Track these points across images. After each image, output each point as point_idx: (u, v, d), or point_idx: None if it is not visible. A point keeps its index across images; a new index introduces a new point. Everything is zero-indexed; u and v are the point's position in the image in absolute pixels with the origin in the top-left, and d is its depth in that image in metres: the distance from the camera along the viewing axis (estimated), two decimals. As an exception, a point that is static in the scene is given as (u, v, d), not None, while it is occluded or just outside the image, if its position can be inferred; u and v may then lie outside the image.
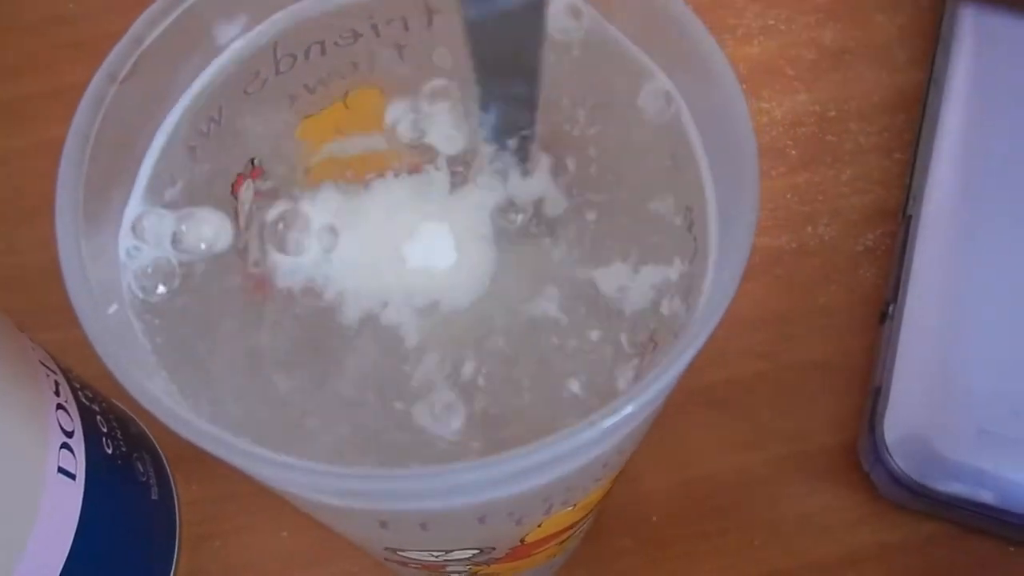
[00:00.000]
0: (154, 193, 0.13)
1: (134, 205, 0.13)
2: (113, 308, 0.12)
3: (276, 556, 0.26)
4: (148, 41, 0.12)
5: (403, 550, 0.15)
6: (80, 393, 0.22)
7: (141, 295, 0.13)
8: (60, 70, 0.33)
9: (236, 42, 0.14)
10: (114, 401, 0.25)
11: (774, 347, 0.28)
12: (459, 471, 0.09)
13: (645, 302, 0.13)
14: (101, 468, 0.21)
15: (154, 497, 0.24)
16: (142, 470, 0.24)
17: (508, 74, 0.12)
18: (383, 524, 0.12)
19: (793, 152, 0.31)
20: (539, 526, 0.15)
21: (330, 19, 0.14)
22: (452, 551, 0.15)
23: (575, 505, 0.15)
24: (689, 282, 0.13)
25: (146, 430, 0.26)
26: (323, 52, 0.14)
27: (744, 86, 0.34)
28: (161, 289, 0.13)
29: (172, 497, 0.26)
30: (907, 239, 0.27)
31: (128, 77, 0.12)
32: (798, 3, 0.33)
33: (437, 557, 0.15)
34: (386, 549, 0.15)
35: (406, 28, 0.14)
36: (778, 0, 0.33)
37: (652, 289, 0.13)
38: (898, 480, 0.24)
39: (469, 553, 0.15)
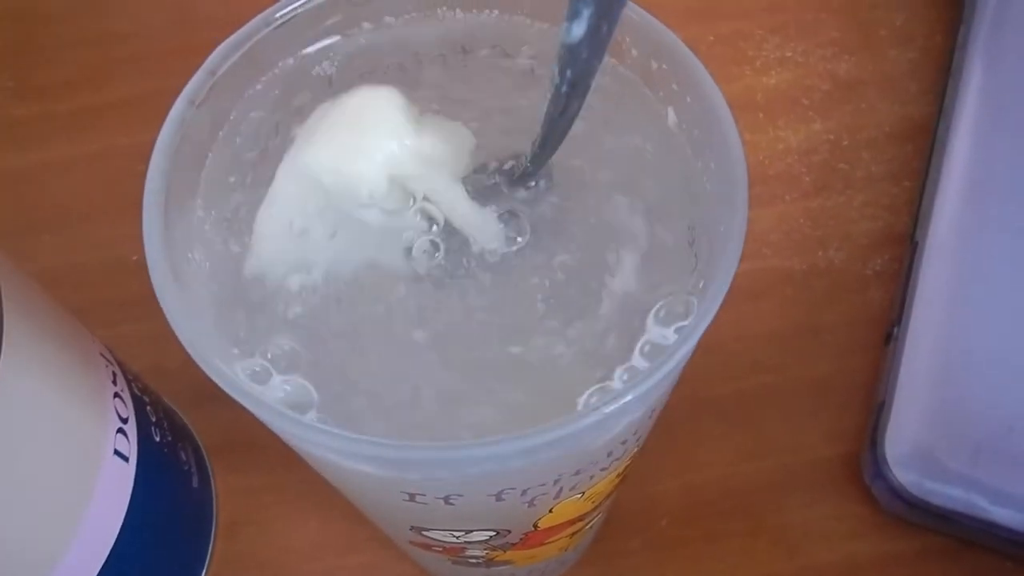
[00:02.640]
0: (217, 199, 0.15)
1: (199, 209, 0.15)
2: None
3: (306, 545, 0.27)
4: (220, 72, 0.14)
5: (427, 529, 0.16)
6: (133, 384, 0.23)
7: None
8: (116, 83, 0.35)
9: (293, 70, 0.15)
10: (160, 395, 0.27)
11: (782, 362, 0.29)
12: (479, 445, 0.11)
13: (649, 307, 0.15)
14: (150, 453, 0.23)
15: (195, 485, 0.26)
16: (184, 459, 0.25)
17: (577, 95, 0.13)
18: (411, 497, 0.14)
19: (807, 178, 0.32)
20: (550, 511, 0.16)
21: (379, 52, 0.16)
22: (472, 531, 0.16)
23: (584, 493, 0.16)
24: (688, 294, 0.15)
25: (187, 423, 0.28)
26: (370, 81, 0.16)
27: (761, 114, 0.35)
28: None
29: (210, 486, 0.27)
30: (913, 264, 0.28)
31: (203, 102, 0.14)
32: (814, 37, 0.34)
33: (458, 538, 0.17)
34: (412, 529, 0.17)
35: (445, 64, 0.16)
36: (795, 33, 0.34)
37: (655, 298, 0.15)
38: (898, 493, 0.26)
39: (486, 535, 0.17)
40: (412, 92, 0.15)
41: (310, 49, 0.15)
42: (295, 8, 0.15)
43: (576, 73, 0.13)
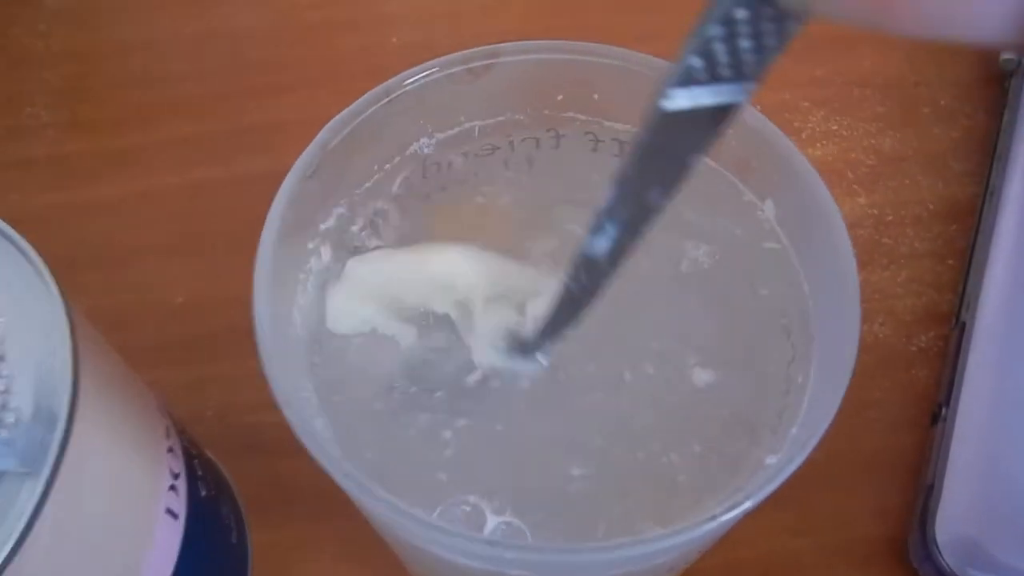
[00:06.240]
0: (318, 270, 0.15)
1: (304, 281, 0.15)
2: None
3: (339, 606, 0.27)
4: (331, 146, 0.14)
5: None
6: (182, 437, 0.23)
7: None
8: (167, 124, 0.35)
9: (398, 147, 0.15)
10: (202, 447, 0.26)
11: (826, 438, 0.29)
12: (617, 547, 0.11)
13: (748, 401, 0.14)
14: (197, 509, 0.22)
15: (233, 540, 0.25)
16: (225, 513, 0.25)
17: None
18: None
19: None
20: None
21: (477, 136, 0.16)
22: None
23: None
24: (788, 385, 0.14)
25: (227, 476, 0.27)
26: (465, 158, 0.16)
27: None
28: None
29: (246, 541, 0.27)
30: (960, 345, 0.28)
31: (312, 175, 0.14)
32: (860, 111, 0.35)
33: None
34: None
35: (537, 146, 0.16)
36: (841, 108, 0.35)
37: (754, 391, 0.14)
38: (946, 578, 0.25)
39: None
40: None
41: (414, 126, 0.16)
42: (405, 86, 0.15)
43: (592, 280, 0.12)
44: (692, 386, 0.15)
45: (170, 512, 0.21)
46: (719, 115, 0.11)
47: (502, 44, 0.15)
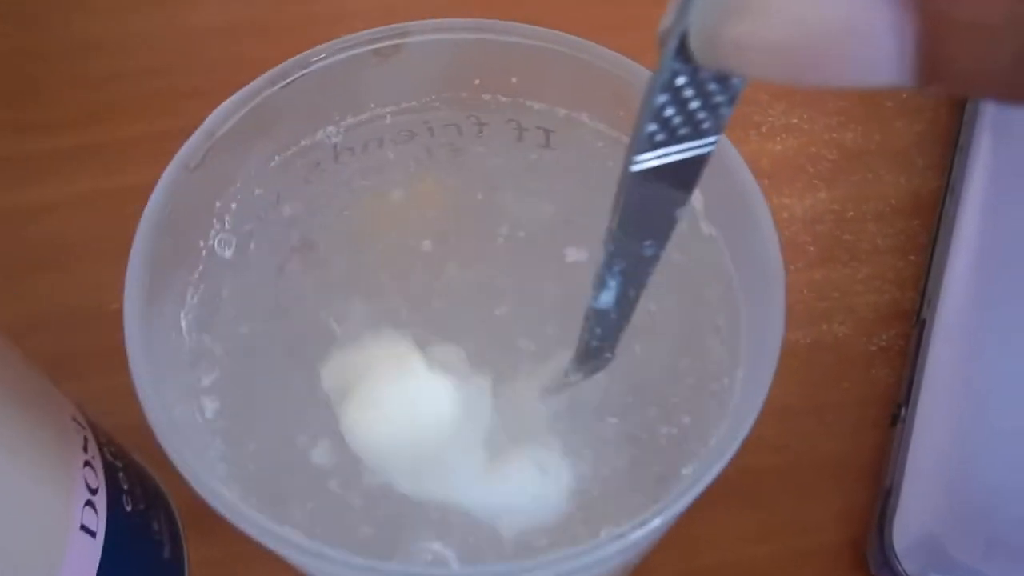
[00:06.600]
0: (212, 272, 0.14)
1: (196, 284, 0.14)
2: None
3: (280, 623, 0.26)
4: (219, 134, 0.13)
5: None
6: (105, 449, 0.22)
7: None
8: (120, 124, 0.34)
9: (301, 135, 0.14)
10: (134, 456, 0.25)
11: (785, 440, 0.28)
12: (521, 570, 0.10)
13: (678, 408, 0.13)
14: (120, 526, 0.21)
15: (166, 556, 0.24)
16: (156, 528, 0.24)
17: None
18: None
19: (811, 248, 0.31)
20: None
21: (389, 121, 0.15)
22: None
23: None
24: (719, 390, 0.14)
25: (162, 487, 0.26)
26: (380, 146, 0.15)
27: (766, 182, 0.35)
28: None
29: (182, 556, 0.26)
30: (920, 343, 0.28)
31: (199, 166, 0.13)
32: (821, 104, 0.34)
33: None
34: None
35: (460, 133, 0.15)
36: (802, 100, 0.34)
37: (685, 397, 0.14)
38: (905, 584, 0.24)
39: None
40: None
41: (316, 113, 0.14)
42: (304, 68, 0.14)
43: (606, 331, 0.13)
44: (620, 391, 0.14)
45: (86, 529, 0.19)
46: (689, 166, 0.12)
47: (411, 23, 0.14)
